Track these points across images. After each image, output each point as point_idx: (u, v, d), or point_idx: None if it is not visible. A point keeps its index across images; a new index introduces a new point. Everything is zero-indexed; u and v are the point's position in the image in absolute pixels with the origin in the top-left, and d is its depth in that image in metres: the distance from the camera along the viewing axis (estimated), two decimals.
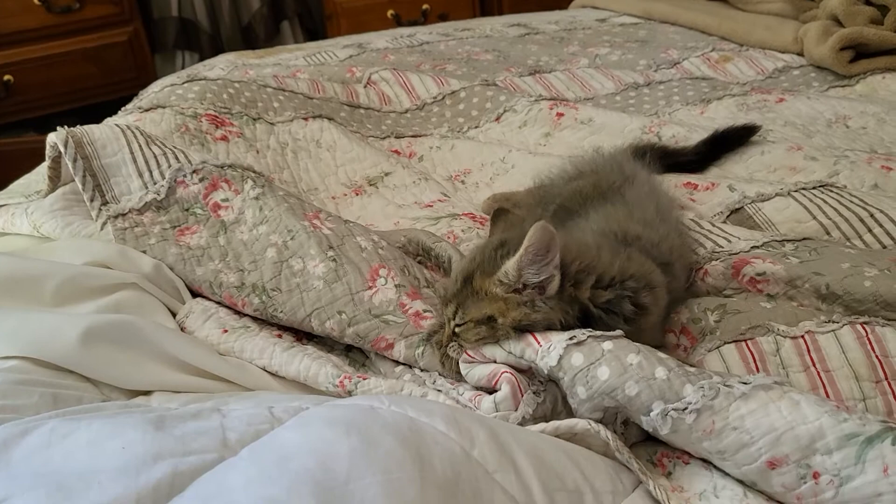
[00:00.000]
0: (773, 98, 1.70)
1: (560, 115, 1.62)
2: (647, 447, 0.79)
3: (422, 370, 0.91)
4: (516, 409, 0.78)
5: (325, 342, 1.01)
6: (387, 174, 1.47)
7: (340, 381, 0.87)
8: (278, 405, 0.72)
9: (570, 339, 0.77)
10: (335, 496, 0.54)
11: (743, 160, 1.42)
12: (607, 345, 0.77)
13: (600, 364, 0.75)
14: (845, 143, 1.49)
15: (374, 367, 0.97)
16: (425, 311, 0.94)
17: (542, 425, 0.76)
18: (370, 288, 0.97)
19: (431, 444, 0.62)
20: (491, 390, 0.82)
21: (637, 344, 0.77)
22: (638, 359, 0.75)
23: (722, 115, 1.66)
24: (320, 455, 0.58)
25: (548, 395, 0.80)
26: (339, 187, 1.45)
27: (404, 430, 0.63)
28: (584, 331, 0.78)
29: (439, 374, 0.89)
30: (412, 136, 1.66)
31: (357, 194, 1.43)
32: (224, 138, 1.43)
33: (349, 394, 0.86)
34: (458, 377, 0.87)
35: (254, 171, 1.18)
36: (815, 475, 0.66)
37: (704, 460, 0.75)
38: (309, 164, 1.49)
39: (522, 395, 0.78)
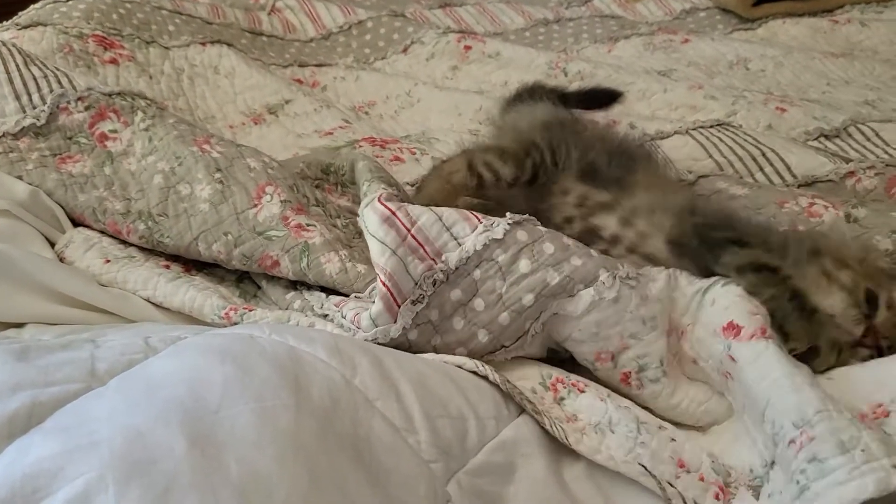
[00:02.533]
0: (678, 38, 1.71)
1: (468, 48, 1.60)
2: (543, 370, 0.79)
3: (310, 288, 0.89)
4: (395, 321, 0.77)
5: (215, 273, 0.98)
6: (287, 102, 1.42)
7: (226, 313, 0.84)
8: (156, 335, 0.69)
9: (512, 218, 0.80)
10: (204, 424, 0.52)
11: (646, 97, 1.43)
12: (543, 228, 0.81)
13: (544, 240, 0.79)
14: (744, 85, 1.52)
15: (266, 298, 0.95)
16: (308, 224, 0.92)
17: (430, 356, 0.75)
18: (255, 206, 0.94)
19: (311, 373, 0.61)
20: None
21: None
22: (573, 241, 0.81)
23: (629, 54, 1.67)
24: (192, 383, 0.56)
25: (434, 301, 0.78)
26: (237, 116, 1.40)
27: (283, 358, 0.61)
28: (519, 215, 0.81)
29: (326, 295, 0.87)
30: (316, 66, 1.61)
31: (256, 123, 1.38)
32: (113, 61, 1.35)
33: (235, 325, 0.84)
34: None
35: (145, 99, 1.12)
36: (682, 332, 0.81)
37: (599, 390, 0.77)
38: (206, 92, 1.43)
39: (399, 307, 0.77)
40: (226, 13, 1.65)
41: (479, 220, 0.80)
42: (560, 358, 0.83)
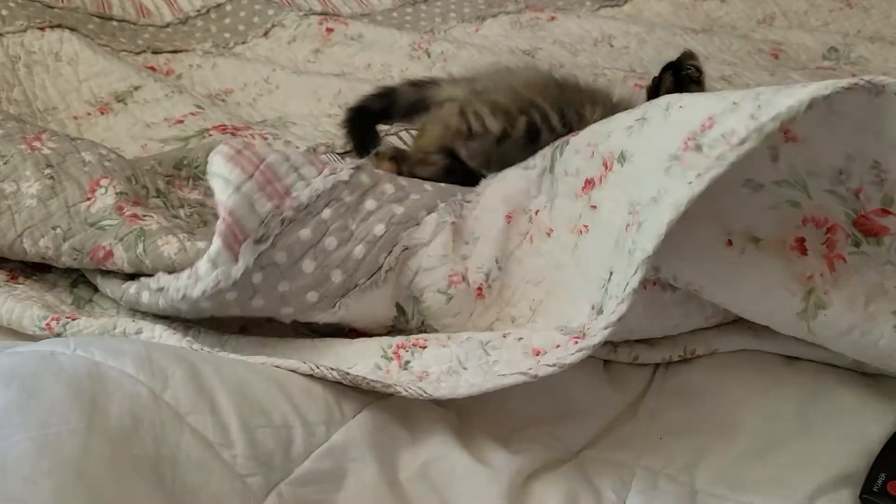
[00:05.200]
0: (545, 16, 1.71)
1: (330, 30, 1.56)
2: (382, 342, 0.77)
3: (150, 275, 0.83)
4: (237, 262, 0.73)
5: (46, 279, 0.92)
6: (136, 88, 1.35)
7: (48, 324, 0.79)
8: None
9: (353, 164, 0.82)
10: None
11: None
12: (380, 171, 0.87)
13: (384, 182, 0.83)
14: (607, 62, 1.53)
15: (101, 304, 0.89)
16: (144, 214, 0.87)
17: (261, 359, 0.71)
18: (88, 199, 0.89)
19: (113, 391, 0.57)
20: None
21: None
22: (407, 181, 0.87)
23: (496, 33, 1.66)
24: None
25: (280, 243, 0.75)
26: (81, 105, 1.32)
27: (82, 376, 0.57)
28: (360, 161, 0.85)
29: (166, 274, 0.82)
30: (171, 52, 1.53)
31: (102, 113, 1.30)
32: None
33: (59, 336, 0.78)
34: None
35: None
36: (536, 212, 0.85)
37: (440, 338, 0.76)
38: (46, 80, 1.34)
39: (241, 245, 0.73)
40: None
41: (323, 164, 0.81)
42: (406, 322, 0.82)
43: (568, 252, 0.79)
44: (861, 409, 0.71)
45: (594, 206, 0.77)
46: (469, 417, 0.74)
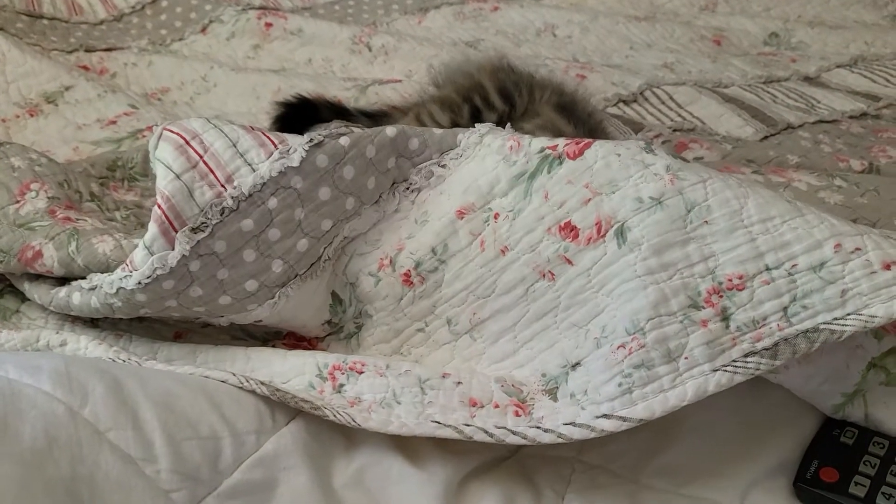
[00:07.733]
0: (488, 6, 1.70)
1: (269, 25, 1.53)
2: (318, 359, 0.75)
3: (83, 277, 0.80)
4: (173, 248, 0.71)
5: None
6: (68, 88, 1.31)
7: None
8: None
9: (310, 141, 0.75)
10: None
11: None
12: (344, 140, 0.76)
13: (345, 163, 0.76)
14: (550, 52, 1.53)
15: (28, 315, 0.86)
16: (78, 218, 0.84)
17: (190, 369, 0.69)
18: (17, 202, 0.86)
19: (26, 410, 0.55)
20: None
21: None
22: (377, 149, 0.78)
23: (439, 25, 1.65)
24: None
25: (220, 232, 0.72)
26: (10, 108, 1.27)
27: None
28: (320, 132, 0.77)
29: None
30: (105, 51, 1.49)
31: (32, 115, 1.26)
32: None
33: None
34: None
35: None
36: (496, 216, 0.76)
37: (378, 365, 0.74)
38: None
39: (177, 232, 0.71)
40: None
41: (275, 145, 0.75)
42: (343, 312, 0.81)
43: (524, 287, 0.75)
44: (795, 400, 0.71)
45: (570, 261, 0.73)
46: None
